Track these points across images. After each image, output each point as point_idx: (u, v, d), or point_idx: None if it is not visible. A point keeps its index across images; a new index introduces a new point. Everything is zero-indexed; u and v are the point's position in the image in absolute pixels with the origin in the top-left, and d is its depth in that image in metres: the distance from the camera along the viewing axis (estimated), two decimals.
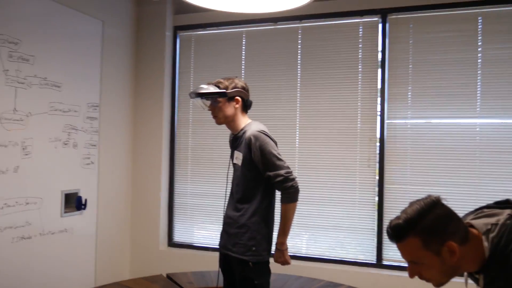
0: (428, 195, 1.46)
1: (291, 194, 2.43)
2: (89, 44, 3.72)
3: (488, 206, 1.54)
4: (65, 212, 3.48)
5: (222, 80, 2.52)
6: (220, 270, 2.65)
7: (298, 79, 3.88)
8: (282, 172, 2.37)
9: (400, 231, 1.42)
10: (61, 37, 3.42)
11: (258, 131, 2.42)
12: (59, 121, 3.41)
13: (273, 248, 2.54)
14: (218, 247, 2.64)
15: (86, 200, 3.64)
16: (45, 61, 3.27)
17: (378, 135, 3.63)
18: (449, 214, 1.43)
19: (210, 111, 2.57)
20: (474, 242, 1.42)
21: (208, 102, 2.52)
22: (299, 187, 2.46)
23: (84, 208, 3.64)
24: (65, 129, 3.47)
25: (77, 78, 3.57)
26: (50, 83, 3.33)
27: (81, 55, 3.62)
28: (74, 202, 3.57)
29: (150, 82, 4.22)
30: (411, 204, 1.45)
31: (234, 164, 2.56)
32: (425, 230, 1.39)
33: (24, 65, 3.11)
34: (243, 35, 4.07)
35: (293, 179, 2.40)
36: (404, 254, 1.45)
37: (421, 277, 1.46)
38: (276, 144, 2.47)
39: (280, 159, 2.39)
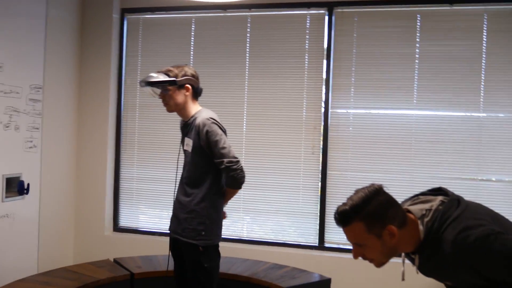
0: (372, 184, 1.60)
1: (232, 181, 2.52)
2: (32, 23, 3.58)
3: (423, 193, 1.70)
4: (7, 197, 3.37)
5: (172, 68, 2.56)
6: (170, 254, 2.70)
7: (246, 67, 3.95)
8: (225, 160, 2.45)
9: (346, 216, 1.55)
10: (2, 15, 3.27)
11: (207, 119, 2.48)
12: (0, 103, 3.28)
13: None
14: (164, 231, 2.69)
15: (28, 185, 3.54)
16: None
17: (322, 124, 3.79)
18: (390, 200, 1.57)
19: (160, 99, 2.59)
20: (411, 226, 1.57)
21: (159, 90, 2.55)
22: (245, 175, 2.55)
23: (27, 193, 3.54)
24: (7, 111, 3.35)
25: (19, 58, 3.45)
26: None
27: (24, 34, 3.49)
28: (16, 187, 3.46)
29: (96, 65, 4.13)
30: (357, 191, 1.59)
31: (185, 151, 2.61)
32: (368, 215, 1.52)
33: None
34: (193, 21, 4.07)
35: (235, 169, 2.47)
36: (349, 237, 1.58)
37: (364, 258, 1.60)
38: (225, 131, 2.54)
39: (224, 147, 2.45)
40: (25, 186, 3.53)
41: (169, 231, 2.68)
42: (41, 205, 3.75)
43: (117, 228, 4.25)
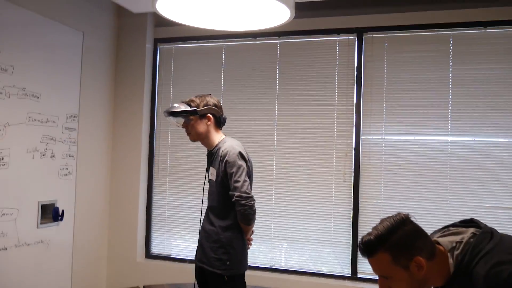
0: (398, 213, 1.54)
1: (240, 216, 2.49)
2: (69, 54, 3.72)
3: (454, 225, 1.62)
4: (42, 223, 3.46)
5: (194, 98, 2.61)
6: (196, 282, 2.69)
7: (276, 94, 3.96)
8: (236, 194, 2.43)
9: (371, 247, 1.49)
10: (41, 47, 3.42)
11: (230, 150, 2.48)
12: (37, 131, 3.40)
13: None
14: (194, 259, 2.68)
15: (63, 211, 3.62)
16: (24, 71, 3.27)
17: (353, 150, 3.72)
18: (417, 230, 1.50)
19: (183, 129, 2.63)
20: (440, 258, 1.49)
21: (181, 120, 2.60)
22: (255, 213, 2.50)
23: (61, 219, 3.62)
24: (43, 139, 3.46)
25: (56, 88, 3.58)
26: (29, 93, 3.32)
27: (61, 65, 3.63)
28: (51, 213, 3.55)
29: (129, 94, 4.24)
30: (382, 221, 1.53)
31: (210, 180, 2.62)
32: (394, 245, 1.46)
33: (3, 75, 3.10)
34: (223, 49, 4.13)
35: (243, 205, 2.43)
36: (375, 269, 1.52)
37: None
38: (247, 162, 2.52)
39: (237, 181, 2.43)
40: (60, 213, 3.61)
41: (195, 260, 2.66)
42: (75, 231, 3.82)
43: (149, 254, 4.27)
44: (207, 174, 2.67)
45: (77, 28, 3.78)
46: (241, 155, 2.48)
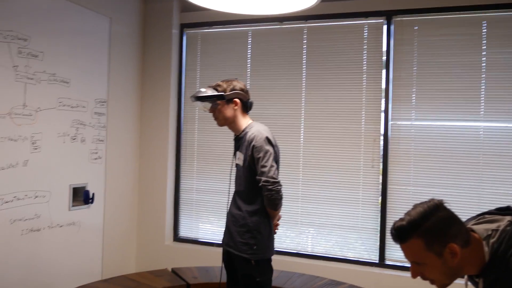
0: (432, 199, 1.50)
1: (267, 201, 2.47)
2: (97, 40, 3.77)
3: (489, 212, 1.58)
4: (73, 205, 3.55)
5: (220, 83, 2.59)
6: (223, 266, 2.71)
7: (303, 79, 3.92)
8: (263, 179, 2.42)
9: (403, 233, 1.46)
10: (69, 33, 3.47)
11: (257, 134, 2.47)
12: (67, 116, 3.47)
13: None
14: (221, 243, 2.70)
15: (93, 194, 3.70)
16: (54, 57, 3.32)
17: (382, 136, 3.67)
18: (452, 217, 1.47)
19: (211, 113, 2.62)
20: (475, 246, 1.46)
21: (208, 105, 2.59)
22: (282, 198, 2.48)
23: (92, 202, 3.70)
24: (73, 124, 3.53)
25: (85, 74, 3.63)
26: (59, 79, 3.38)
27: (89, 51, 3.68)
28: (81, 196, 3.63)
29: (156, 79, 4.27)
30: (415, 206, 1.50)
31: (237, 164, 2.62)
32: (428, 231, 1.43)
33: (33, 61, 3.17)
34: (249, 34, 4.10)
35: (270, 190, 2.41)
36: (407, 255, 1.50)
37: (423, 278, 1.50)
38: (274, 147, 2.51)
39: (264, 166, 2.42)
40: (91, 196, 3.69)
41: (222, 244, 2.69)
42: (105, 214, 3.90)
43: (177, 238, 4.33)
44: (234, 158, 2.68)
45: (105, 14, 3.82)
46: (268, 140, 2.47)
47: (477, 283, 1.51)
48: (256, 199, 2.49)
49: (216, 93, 2.54)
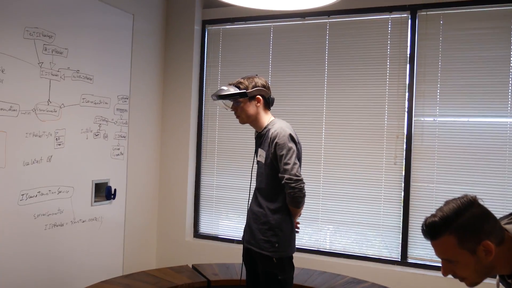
0: (465, 195, 1.46)
1: (289, 199, 2.45)
2: (120, 37, 3.79)
3: None
4: (95, 201, 3.58)
5: (242, 80, 2.55)
6: (243, 263, 2.70)
7: (325, 75, 3.88)
8: (286, 176, 2.39)
9: (435, 229, 1.42)
10: (93, 30, 3.50)
11: (280, 131, 2.44)
12: (90, 112, 3.50)
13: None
14: (242, 240, 2.69)
15: (115, 190, 3.74)
16: (78, 54, 3.36)
17: (405, 132, 3.61)
18: (486, 213, 1.43)
19: (233, 111, 2.60)
20: (509, 245, 1.41)
21: (230, 103, 2.56)
22: (305, 196, 2.46)
23: (114, 198, 3.73)
24: (96, 120, 3.56)
25: (108, 70, 3.66)
26: (82, 75, 3.41)
27: (112, 48, 3.70)
28: (104, 192, 3.67)
29: (178, 76, 4.28)
30: (447, 202, 1.46)
31: (258, 161, 2.59)
32: (461, 228, 1.39)
33: (58, 57, 3.20)
34: (271, 30, 4.08)
35: (293, 187, 2.38)
36: (438, 252, 1.46)
37: (455, 276, 1.46)
38: (297, 144, 2.49)
39: (287, 163, 2.39)
40: (112, 191, 3.72)
41: (242, 241, 2.67)
42: (127, 209, 3.94)
43: (197, 234, 4.34)
44: (255, 155, 2.66)
45: (128, 10, 3.84)
46: (291, 137, 2.44)
47: (509, 284, 1.46)
48: (278, 196, 2.47)
49: (238, 91, 2.50)
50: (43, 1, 3.08)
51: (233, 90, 2.51)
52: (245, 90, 2.51)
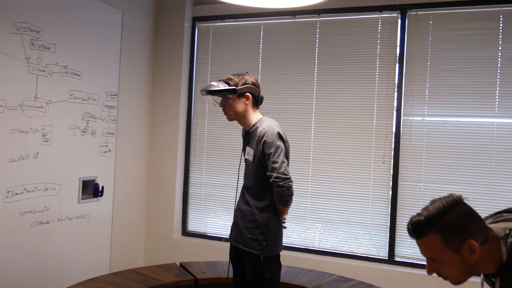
0: (450, 194, 1.47)
1: (277, 197, 2.45)
2: (109, 33, 3.76)
3: (507, 210, 1.54)
4: (82, 198, 3.55)
5: (232, 77, 2.54)
6: (230, 262, 2.70)
7: (315, 73, 3.88)
8: (274, 175, 2.39)
9: (420, 228, 1.43)
10: (81, 26, 3.46)
11: (268, 130, 2.44)
12: (78, 109, 3.47)
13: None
14: (229, 238, 2.68)
15: (103, 187, 3.71)
16: (66, 49, 3.32)
17: (394, 131, 3.62)
18: (471, 213, 1.43)
19: (221, 108, 2.59)
20: (493, 244, 1.42)
21: (219, 99, 2.54)
22: (293, 194, 2.46)
23: (101, 195, 3.70)
24: (84, 117, 3.53)
25: (96, 66, 3.62)
26: (70, 71, 3.38)
27: (101, 44, 3.67)
28: (91, 189, 3.64)
29: (168, 72, 4.25)
30: (433, 201, 1.46)
31: (246, 159, 2.59)
32: (446, 227, 1.40)
33: (46, 53, 3.17)
34: (261, 28, 4.07)
35: (281, 186, 2.38)
36: (423, 251, 1.46)
37: (439, 274, 1.47)
38: (285, 142, 2.49)
39: (275, 162, 2.39)
40: (100, 189, 3.69)
41: (229, 239, 2.67)
42: (114, 207, 3.91)
43: (185, 232, 4.33)
44: (243, 153, 2.65)
45: (117, 6, 3.81)
46: (279, 135, 2.44)
47: (493, 283, 1.48)
48: (266, 195, 2.47)
49: (227, 87, 2.50)
50: None
51: (222, 86, 2.50)
52: (234, 87, 2.50)
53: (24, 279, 3.11)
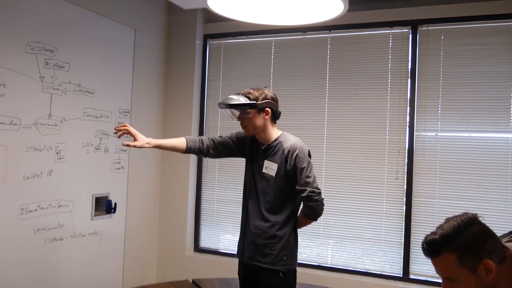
0: (465, 212, 1.45)
1: (310, 211, 2.47)
2: (122, 51, 3.80)
3: None
4: (96, 215, 3.57)
5: (252, 91, 2.50)
6: (240, 280, 2.67)
7: (327, 89, 3.88)
8: (308, 189, 2.40)
9: (435, 247, 1.41)
10: (95, 44, 3.51)
11: (299, 145, 2.46)
12: (91, 126, 3.50)
13: None
14: (240, 257, 2.64)
15: (115, 204, 3.72)
16: (80, 68, 3.37)
17: (407, 147, 3.60)
18: (487, 232, 1.41)
19: (239, 121, 2.58)
20: (510, 263, 1.40)
21: (238, 113, 2.51)
22: (324, 207, 2.51)
23: (114, 212, 3.71)
24: (97, 134, 3.56)
25: (109, 84, 3.66)
26: (84, 89, 3.42)
27: (114, 62, 3.71)
28: (104, 206, 3.65)
29: (179, 89, 4.29)
30: (448, 220, 1.44)
31: (265, 174, 2.53)
32: (461, 246, 1.38)
33: (60, 72, 3.21)
34: (272, 44, 4.09)
35: (316, 200, 2.42)
36: (438, 270, 1.44)
37: None
38: (310, 157, 2.50)
39: (309, 176, 2.41)
40: (113, 205, 3.70)
41: (239, 258, 2.64)
42: (127, 224, 3.91)
43: (198, 248, 4.32)
44: (253, 167, 2.60)
45: (129, 25, 3.86)
46: (309, 151, 2.49)
47: None
48: (285, 209, 2.47)
49: (247, 101, 2.46)
50: (45, 16, 3.10)
51: (243, 100, 2.46)
52: (255, 102, 2.47)
53: None
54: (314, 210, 2.44)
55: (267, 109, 2.50)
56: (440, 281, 1.48)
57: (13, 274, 2.94)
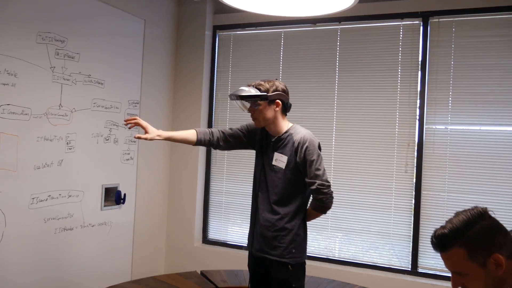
0: (475, 206, 1.44)
1: (319, 204, 2.47)
2: (131, 42, 3.81)
3: None
4: (105, 205, 3.59)
5: (262, 83, 2.48)
6: (250, 272, 2.67)
7: (336, 81, 3.87)
8: (318, 182, 2.39)
9: (445, 241, 1.40)
10: (105, 35, 3.52)
11: (309, 137, 2.45)
12: (101, 117, 3.52)
13: None
14: (250, 249, 2.64)
15: (125, 195, 3.74)
16: (90, 58, 3.38)
17: (416, 140, 3.58)
18: (497, 226, 1.40)
19: (249, 113, 2.57)
20: None
21: (248, 104, 2.50)
22: (334, 200, 2.50)
23: (123, 203, 3.74)
24: (107, 125, 3.58)
25: (119, 75, 3.67)
26: (94, 80, 3.43)
27: (124, 53, 3.72)
28: (113, 196, 3.67)
29: (189, 81, 4.29)
30: (457, 214, 1.43)
31: (274, 166, 2.52)
32: (471, 241, 1.37)
33: (70, 62, 3.22)
34: (282, 36, 4.08)
35: (325, 193, 2.41)
36: (448, 264, 1.43)
37: None
38: (320, 149, 2.49)
39: (319, 169, 2.40)
40: (122, 196, 3.73)
41: (249, 250, 2.64)
42: (136, 214, 3.94)
43: (206, 240, 4.33)
44: (263, 159, 2.60)
45: (139, 16, 3.86)
46: (319, 144, 2.48)
47: None
48: (293, 201, 2.46)
49: (258, 92, 2.44)
50: (56, 7, 3.11)
51: (254, 92, 2.44)
52: (266, 93, 2.45)
53: (46, 285, 3.15)
54: (323, 203, 2.44)
55: (278, 101, 2.49)
56: (449, 275, 1.47)
57: (23, 263, 2.97)
